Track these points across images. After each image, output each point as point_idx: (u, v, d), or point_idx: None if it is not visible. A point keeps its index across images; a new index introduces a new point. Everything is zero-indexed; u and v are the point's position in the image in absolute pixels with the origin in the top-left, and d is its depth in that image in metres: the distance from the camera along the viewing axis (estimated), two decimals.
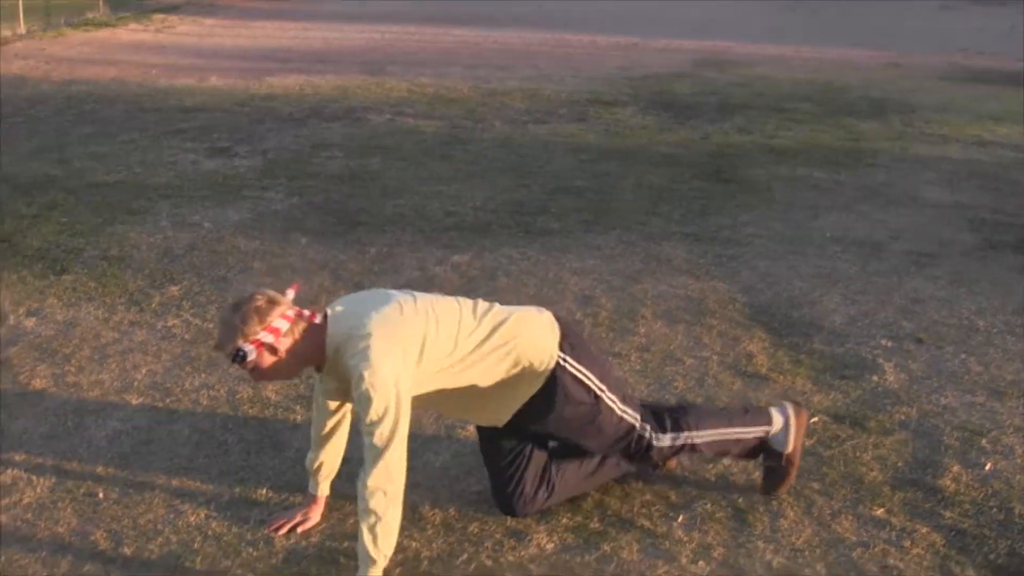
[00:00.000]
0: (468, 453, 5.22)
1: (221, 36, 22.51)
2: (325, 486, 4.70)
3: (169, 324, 6.64)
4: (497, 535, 4.59)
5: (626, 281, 7.54)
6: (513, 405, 4.50)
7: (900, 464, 5.20)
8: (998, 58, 20.87)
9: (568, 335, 4.50)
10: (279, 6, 29.94)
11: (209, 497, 4.85)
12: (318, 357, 4.21)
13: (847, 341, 6.55)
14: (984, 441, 5.41)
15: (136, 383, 5.87)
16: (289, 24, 25.18)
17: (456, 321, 4.26)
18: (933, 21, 29.30)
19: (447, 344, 4.21)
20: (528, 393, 4.45)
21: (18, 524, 4.62)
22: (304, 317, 4.15)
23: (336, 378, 4.27)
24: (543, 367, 4.39)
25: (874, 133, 12.97)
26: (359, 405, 4.03)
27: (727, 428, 4.74)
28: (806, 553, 4.50)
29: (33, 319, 6.68)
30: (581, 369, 4.44)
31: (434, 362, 4.20)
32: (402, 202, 9.42)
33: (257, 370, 4.15)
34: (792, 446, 4.81)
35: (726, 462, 5.08)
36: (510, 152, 11.49)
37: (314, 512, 4.68)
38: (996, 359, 6.35)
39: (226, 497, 4.85)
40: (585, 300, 7.15)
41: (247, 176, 10.25)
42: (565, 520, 4.70)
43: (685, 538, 4.60)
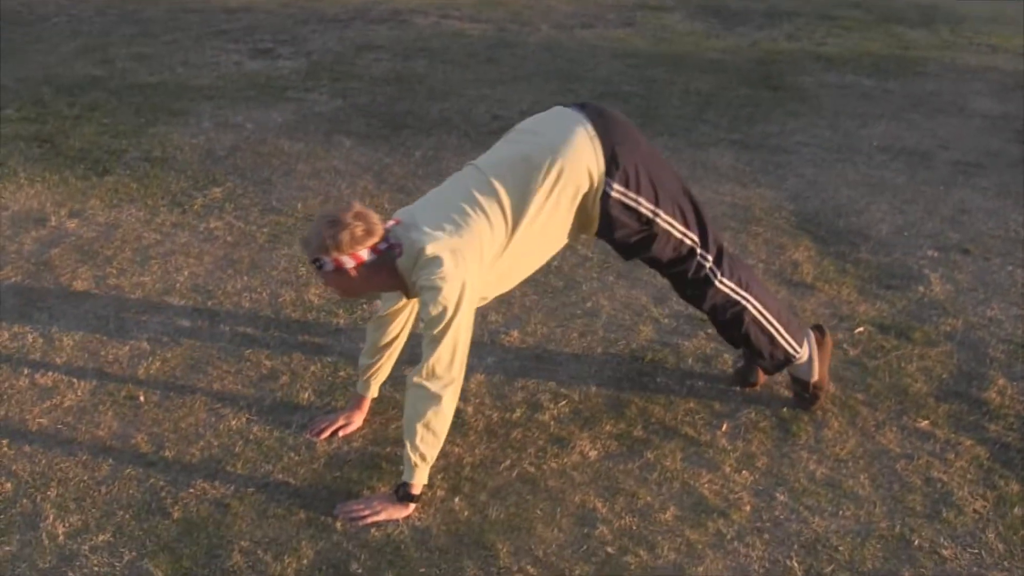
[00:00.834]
0: (511, 359, 5.21)
1: None
2: (375, 388, 4.70)
3: (211, 226, 6.62)
4: (540, 442, 4.58)
5: None
6: (578, 233, 4.41)
7: (945, 376, 5.15)
8: None
9: (614, 148, 4.24)
10: None
11: (250, 401, 4.85)
12: (391, 283, 4.17)
13: (893, 251, 6.49)
14: None
15: (178, 285, 5.86)
16: None
17: (500, 210, 4.13)
18: None
19: (501, 233, 4.12)
20: (591, 219, 4.32)
21: (59, 427, 4.64)
22: (393, 250, 4.08)
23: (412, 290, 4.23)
24: (594, 189, 4.22)
25: (923, 42, 12.79)
26: (422, 309, 4.00)
27: (775, 317, 4.64)
28: (849, 464, 4.48)
29: (75, 221, 6.67)
30: (630, 195, 4.26)
31: (497, 253, 4.13)
32: (448, 105, 9.35)
33: (328, 279, 4.12)
34: (818, 375, 4.77)
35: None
36: (556, 56, 11.39)
37: (357, 416, 4.68)
38: None
39: (267, 401, 4.85)
40: None
41: (291, 78, 10.19)
42: (608, 427, 4.69)
43: (729, 447, 4.58)
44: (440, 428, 4.04)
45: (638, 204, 4.28)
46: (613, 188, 4.22)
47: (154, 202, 6.99)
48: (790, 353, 4.70)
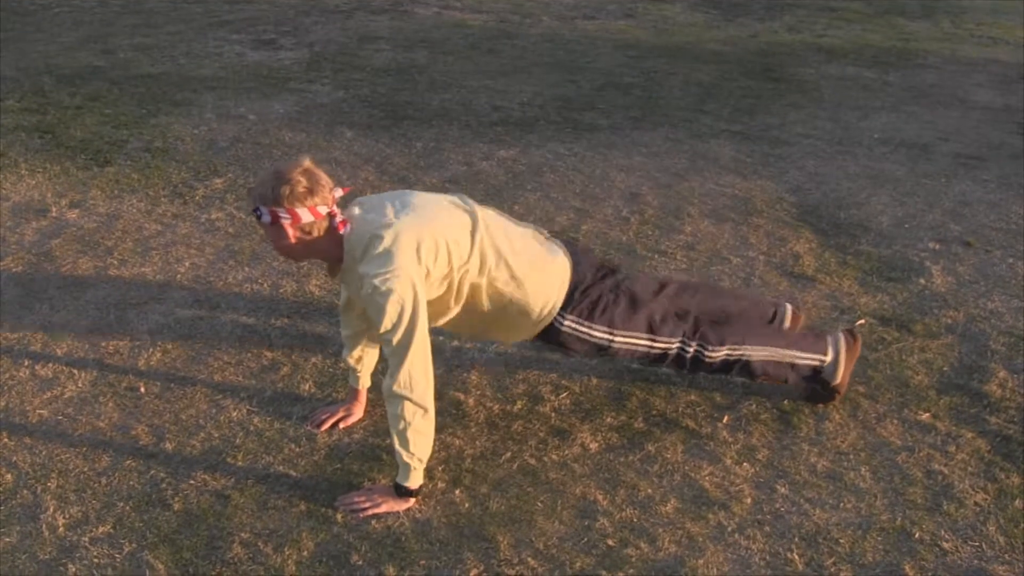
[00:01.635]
0: (512, 351, 5.20)
1: None
2: (366, 378, 4.69)
3: (213, 217, 6.62)
4: (541, 434, 4.58)
5: (673, 179, 7.48)
6: (518, 335, 4.49)
7: (946, 368, 5.15)
8: None
9: (580, 286, 4.40)
10: None
11: (251, 392, 4.85)
12: (330, 256, 4.14)
13: (894, 243, 6.48)
14: None
15: (179, 276, 5.86)
16: None
17: (467, 241, 4.14)
18: None
19: (456, 260, 4.11)
20: (531, 332, 4.42)
21: (59, 418, 4.64)
22: (333, 220, 4.05)
23: (349, 283, 4.22)
24: (542, 314, 4.33)
25: (924, 33, 12.79)
26: (372, 312, 3.98)
27: (784, 349, 4.66)
28: (851, 456, 4.48)
29: (76, 211, 6.68)
30: (581, 329, 4.38)
31: (439, 278, 4.12)
32: (449, 96, 9.35)
33: (269, 237, 4.07)
34: (840, 378, 4.75)
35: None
36: (558, 47, 11.39)
37: (356, 408, 4.68)
38: None
39: (268, 393, 4.85)
40: (631, 197, 7.10)
41: (293, 69, 10.19)
42: (609, 419, 4.69)
43: (730, 439, 4.58)
44: (427, 431, 4.04)
45: (591, 334, 4.43)
46: (564, 322, 4.38)
47: (155, 193, 6.99)
48: (815, 366, 4.71)
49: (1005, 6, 14.75)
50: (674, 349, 4.52)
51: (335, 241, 4.06)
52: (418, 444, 4.02)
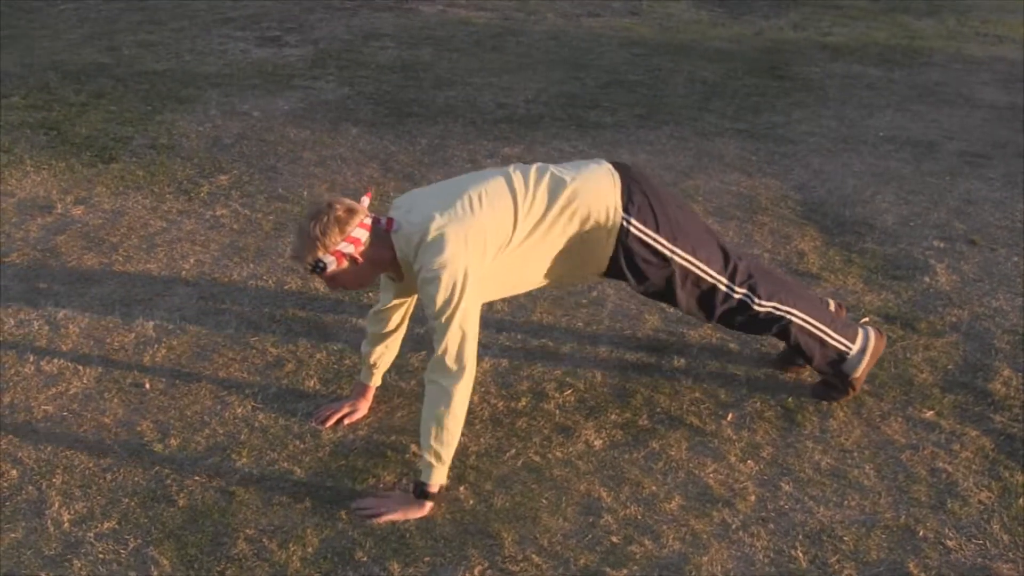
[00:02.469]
0: (517, 348, 5.21)
1: None
2: (378, 377, 4.70)
3: (218, 213, 6.63)
4: (545, 431, 4.59)
5: (678, 176, 7.47)
6: (591, 267, 4.45)
7: (950, 367, 5.15)
8: None
9: (631, 187, 4.34)
10: None
11: (256, 389, 4.86)
12: (393, 263, 4.17)
13: (899, 241, 6.48)
14: None
15: (184, 273, 5.86)
16: None
17: (510, 201, 4.15)
18: None
19: (507, 226, 4.12)
20: (604, 254, 4.36)
21: (65, 414, 4.65)
22: (381, 224, 4.10)
23: (409, 286, 4.25)
24: (610, 223, 4.28)
25: (929, 31, 12.76)
26: (425, 298, 4.00)
27: (821, 323, 4.67)
28: (855, 454, 4.48)
29: (81, 208, 6.68)
30: (646, 231, 4.32)
31: (501, 247, 4.13)
32: (453, 93, 9.35)
33: (335, 279, 4.13)
34: (860, 372, 4.75)
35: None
36: (562, 45, 11.37)
37: (362, 404, 4.69)
38: None
39: (273, 389, 4.85)
40: None
41: (297, 65, 10.19)
42: (614, 416, 4.69)
43: (734, 436, 4.58)
44: (452, 426, 4.01)
45: (655, 241, 4.34)
46: (632, 224, 4.29)
47: (160, 189, 6.99)
48: (842, 351, 4.71)
49: (1011, 4, 14.71)
50: (723, 286, 4.50)
51: (389, 246, 4.10)
52: (439, 439, 4.00)
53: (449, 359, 3.97)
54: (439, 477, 4.07)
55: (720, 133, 8.48)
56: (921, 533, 4.04)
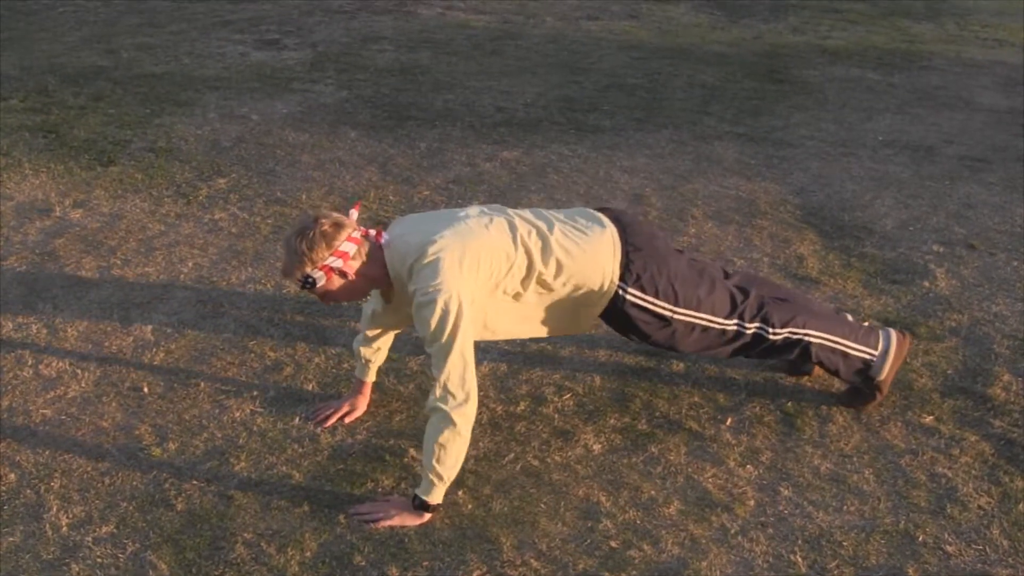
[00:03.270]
0: (515, 352, 5.20)
1: None
2: (373, 372, 4.70)
3: (216, 217, 6.62)
4: (544, 435, 4.58)
5: (677, 180, 7.47)
6: (581, 325, 4.47)
7: (950, 371, 5.15)
8: None
9: (631, 255, 4.34)
10: None
11: (254, 392, 4.85)
12: (384, 279, 4.17)
13: (898, 245, 6.48)
14: None
15: (182, 276, 5.86)
16: None
17: (510, 244, 4.15)
18: None
19: (501, 267, 4.12)
20: (593, 313, 4.40)
21: (63, 418, 4.64)
22: (370, 238, 4.12)
23: (401, 306, 4.25)
24: (604, 289, 4.30)
25: (929, 35, 12.77)
26: (419, 322, 3.98)
27: (840, 337, 4.66)
28: (854, 459, 4.48)
29: (79, 211, 6.68)
30: (644, 297, 4.33)
31: (496, 283, 4.14)
32: (452, 97, 9.35)
33: (327, 295, 4.13)
34: (886, 374, 4.74)
35: (776, 365, 5.06)
36: (561, 48, 11.38)
37: (360, 401, 4.69)
38: None
39: (271, 393, 4.85)
40: (635, 198, 7.09)
41: (296, 69, 10.19)
42: (613, 421, 4.69)
43: (733, 441, 4.58)
44: (456, 450, 3.98)
45: (655, 306, 4.38)
46: (628, 292, 4.33)
47: (159, 193, 6.99)
48: (866, 358, 4.71)
49: (1010, 8, 14.73)
50: (732, 327, 4.51)
51: (380, 261, 4.12)
52: (441, 461, 3.97)
53: (452, 385, 3.94)
54: (438, 495, 4.05)
55: (719, 137, 8.48)
56: (920, 538, 4.04)
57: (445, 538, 3.99)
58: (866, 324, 5.03)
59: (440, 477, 4.00)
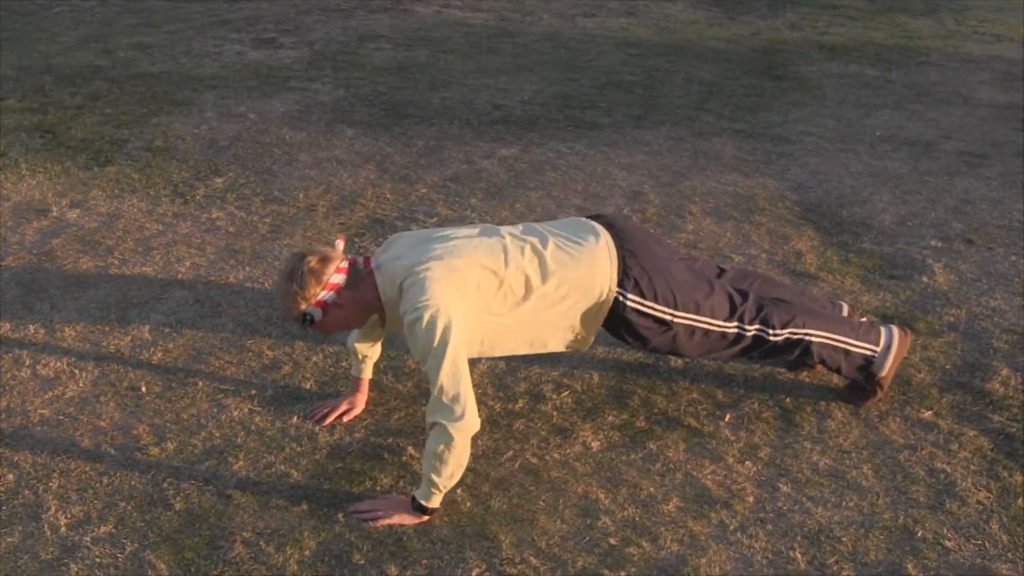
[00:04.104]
0: None
1: None
2: (369, 369, 4.71)
3: (213, 216, 6.61)
4: (542, 432, 4.58)
5: (675, 177, 7.47)
6: (586, 338, 4.46)
7: (948, 366, 5.14)
8: None
9: (627, 261, 4.34)
10: None
11: (253, 391, 4.85)
12: (377, 302, 4.20)
13: (897, 241, 6.48)
14: None
15: (180, 276, 5.85)
16: None
17: (502, 263, 4.16)
18: None
19: (491, 285, 4.14)
20: (596, 325, 4.41)
21: (61, 418, 4.63)
22: (359, 265, 4.17)
23: (392, 322, 4.25)
24: (603, 299, 4.31)
25: (927, 31, 12.77)
26: (411, 339, 3.98)
27: (840, 335, 4.66)
28: (853, 455, 4.47)
29: (77, 211, 6.67)
30: (644, 302, 4.33)
31: (486, 300, 4.14)
32: (449, 95, 9.34)
33: (328, 328, 4.19)
34: (887, 370, 4.73)
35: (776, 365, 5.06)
36: (558, 45, 11.37)
37: (358, 400, 4.69)
38: None
39: (269, 392, 4.85)
40: (633, 196, 7.09)
41: (293, 67, 10.18)
42: (611, 418, 4.68)
43: (732, 437, 4.58)
44: (454, 462, 3.95)
45: (654, 310, 4.38)
46: (627, 298, 4.33)
47: (156, 192, 6.98)
48: (868, 355, 4.70)
49: (1008, 3, 14.72)
50: (732, 330, 4.51)
51: (372, 286, 4.16)
52: (439, 472, 3.95)
53: (447, 398, 3.91)
54: (436, 502, 4.05)
55: (717, 133, 8.47)
56: (919, 533, 4.04)
57: (444, 536, 3.98)
58: (864, 320, 5.04)
59: (438, 487, 3.99)
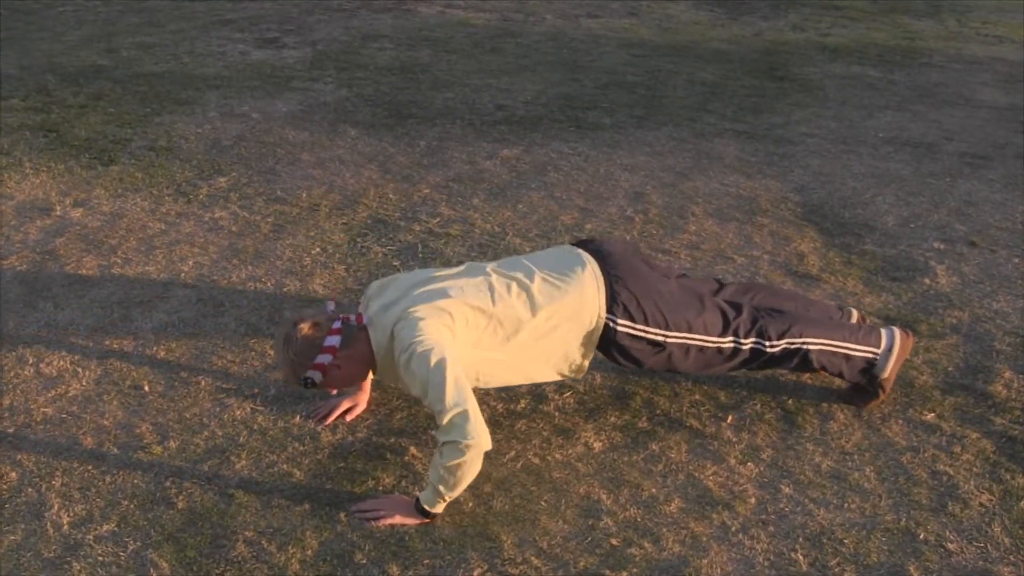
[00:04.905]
0: None
1: None
2: None
3: (216, 216, 6.62)
4: (545, 433, 4.58)
5: (677, 178, 7.47)
6: (581, 365, 4.47)
7: (951, 369, 5.14)
8: None
9: (615, 287, 4.37)
10: None
11: (255, 391, 4.85)
12: (371, 356, 4.23)
13: (899, 243, 6.47)
14: None
15: (183, 275, 5.86)
16: None
17: (488, 302, 4.20)
18: None
19: (479, 323, 4.18)
20: (589, 352, 4.43)
21: (64, 417, 4.64)
22: (351, 323, 4.23)
23: (388, 373, 4.27)
24: (593, 326, 4.34)
25: (929, 32, 12.77)
26: (408, 378, 4.00)
27: (839, 341, 4.66)
28: (855, 457, 4.47)
29: (80, 210, 6.67)
30: (635, 326, 4.36)
31: (476, 343, 4.18)
32: (452, 95, 9.35)
33: (330, 386, 4.26)
34: (889, 372, 4.73)
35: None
36: (561, 46, 11.37)
37: (361, 399, 4.70)
38: None
39: (272, 391, 4.85)
40: (635, 196, 7.09)
41: (296, 67, 10.18)
42: (613, 419, 4.68)
43: (734, 439, 4.58)
44: (463, 476, 3.94)
45: (646, 333, 4.40)
46: (618, 323, 4.36)
47: (159, 191, 6.99)
48: (869, 358, 4.70)
49: (1010, 4, 14.71)
50: (728, 345, 4.52)
51: (365, 341, 4.21)
52: (446, 482, 3.94)
53: (456, 420, 3.87)
54: (440, 508, 4.05)
55: (719, 134, 8.47)
56: (922, 536, 4.04)
57: (446, 536, 3.98)
58: (866, 323, 5.04)
59: (444, 496, 3.99)
